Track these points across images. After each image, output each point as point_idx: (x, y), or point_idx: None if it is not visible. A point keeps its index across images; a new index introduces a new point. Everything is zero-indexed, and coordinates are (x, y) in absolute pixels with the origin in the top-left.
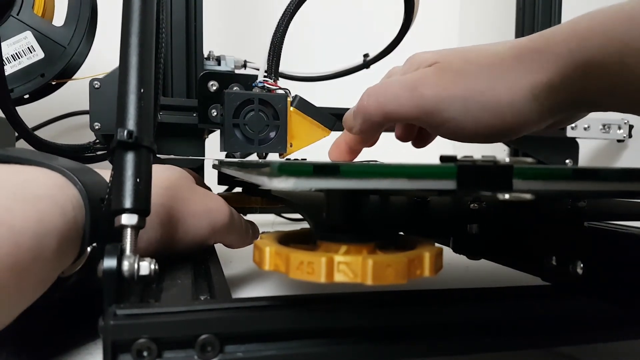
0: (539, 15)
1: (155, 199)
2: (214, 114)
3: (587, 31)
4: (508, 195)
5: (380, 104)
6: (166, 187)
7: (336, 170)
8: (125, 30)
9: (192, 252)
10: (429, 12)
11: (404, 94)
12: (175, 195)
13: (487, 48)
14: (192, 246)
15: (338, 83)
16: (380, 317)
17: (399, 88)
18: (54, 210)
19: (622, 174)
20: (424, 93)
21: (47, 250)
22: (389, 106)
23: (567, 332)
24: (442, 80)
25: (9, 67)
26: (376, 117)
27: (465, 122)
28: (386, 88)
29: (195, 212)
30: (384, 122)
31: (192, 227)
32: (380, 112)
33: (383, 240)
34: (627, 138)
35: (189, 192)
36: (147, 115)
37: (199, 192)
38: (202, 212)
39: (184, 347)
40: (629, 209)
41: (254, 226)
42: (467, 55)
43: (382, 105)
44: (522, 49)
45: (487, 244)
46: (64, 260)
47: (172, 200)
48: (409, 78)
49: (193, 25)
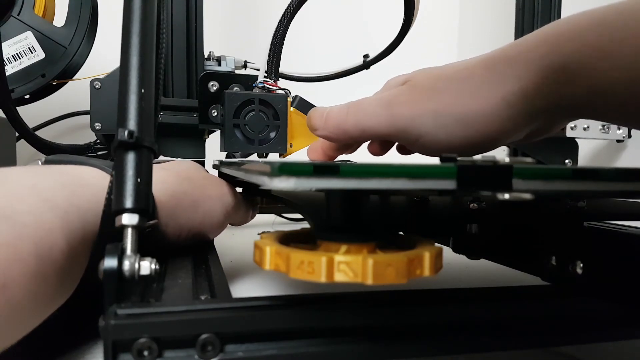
0: (538, 16)
1: (179, 188)
2: (214, 114)
3: (558, 37)
4: (508, 195)
5: (358, 120)
6: (185, 177)
7: (336, 170)
8: (126, 31)
9: (214, 235)
10: (429, 13)
11: (379, 112)
12: (195, 184)
13: (459, 63)
14: (214, 228)
15: (338, 83)
16: (380, 317)
17: (375, 106)
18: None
19: (621, 174)
20: (397, 111)
21: None
22: (366, 123)
23: (567, 332)
24: (413, 97)
25: (10, 68)
26: (354, 132)
27: (438, 135)
28: (364, 105)
29: (211, 196)
30: (361, 138)
31: (212, 210)
32: (359, 129)
33: (383, 240)
34: (626, 138)
35: (205, 180)
36: (148, 116)
37: (211, 179)
38: (217, 196)
39: (185, 347)
40: (628, 209)
41: (253, 203)
42: (438, 72)
43: (360, 121)
44: (492, 59)
45: (486, 243)
46: None
47: (193, 188)
48: (384, 96)
49: (194, 26)
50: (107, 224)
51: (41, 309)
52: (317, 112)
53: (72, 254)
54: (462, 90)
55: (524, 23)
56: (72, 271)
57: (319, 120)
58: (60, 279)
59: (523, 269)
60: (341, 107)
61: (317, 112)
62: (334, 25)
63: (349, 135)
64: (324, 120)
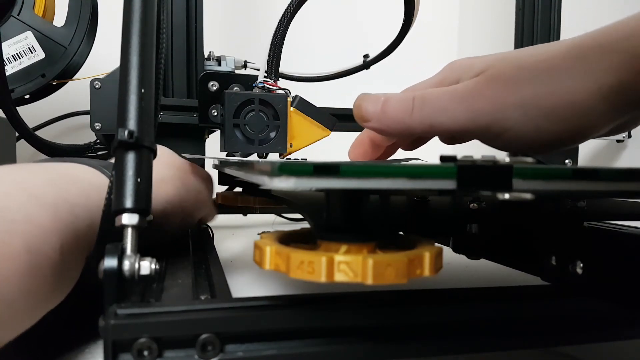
0: (538, 16)
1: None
2: (215, 114)
3: None
4: (508, 195)
5: (426, 115)
6: (177, 168)
7: (336, 170)
8: (126, 31)
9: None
10: (429, 13)
11: (455, 107)
12: (184, 174)
13: (540, 51)
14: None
15: (338, 83)
16: (380, 317)
17: (449, 101)
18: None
19: (621, 174)
20: (478, 105)
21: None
22: (437, 119)
23: (567, 332)
24: (495, 90)
25: (10, 68)
26: (420, 128)
27: (525, 130)
28: (433, 100)
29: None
30: (428, 134)
31: (202, 193)
32: (427, 124)
33: (383, 240)
34: (626, 138)
35: (189, 166)
36: (148, 116)
37: (193, 165)
38: (202, 180)
39: (185, 347)
40: (628, 209)
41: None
42: (518, 61)
43: (429, 117)
44: (582, 47)
45: (487, 243)
46: None
47: (184, 177)
48: (459, 89)
49: (193, 26)
50: (107, 224)
51: (37, 306)
52: (371, 99)
53: (66, 248)
54: (551, 82)
55: (524, 23)
56: (68, 267)
57: (373, 110)
58: (55, 275)
59: (523, 269)
60: (404, 98)
61: (371, 100)
62: (334, 25)
63: (412, 132)
64: (380, 111)
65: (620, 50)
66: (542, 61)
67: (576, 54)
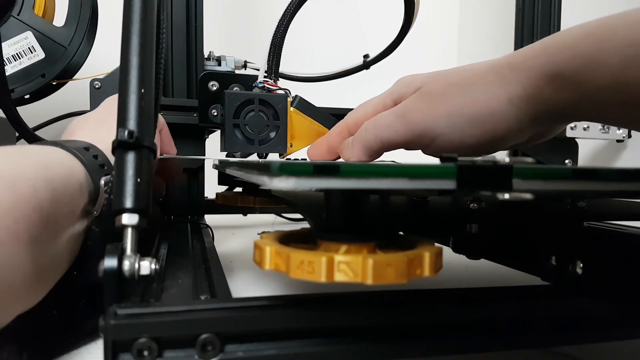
0: (538, 16)
1: None
2: (214, 114)
3: (556, 47)
4: (508, 195)
5: (377, 135)
6: None
7: (336, 170)
8: (126, 31)
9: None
10: (429, 13)
11: (396, 122)
12: None
13: (466, 69)
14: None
15: (338, 83)
16: (380, 317)
17: (392, 118)
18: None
19: (621, 174)
20: (412, 118)
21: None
22: (384, 135)
23: (567, 332)
24: (427, 103)
25: (10, 67)
26: (375, 146)
27: (452, 136)
28: (380, 120)
29: None
30: (382, 149)
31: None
32: (378, 141)
33: (383, 240)
34: (626, 138)
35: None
36: (148, 115)
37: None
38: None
39: (185, 347)
40: (628, 209)
41: None
42: (447, 78)
43: (379, 135)
44: (499, 65)
45: (486, 243)
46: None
47: None
48: (398, 108)
49: (193, 26)
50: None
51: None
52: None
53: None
54: (472, 93)
55: (524, 23)
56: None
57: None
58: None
59: (523, 269)
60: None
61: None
62: (334, 25)
63: (373, 150)
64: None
65: (528, 67)
66: (467, 77)
67: (494, 71)
